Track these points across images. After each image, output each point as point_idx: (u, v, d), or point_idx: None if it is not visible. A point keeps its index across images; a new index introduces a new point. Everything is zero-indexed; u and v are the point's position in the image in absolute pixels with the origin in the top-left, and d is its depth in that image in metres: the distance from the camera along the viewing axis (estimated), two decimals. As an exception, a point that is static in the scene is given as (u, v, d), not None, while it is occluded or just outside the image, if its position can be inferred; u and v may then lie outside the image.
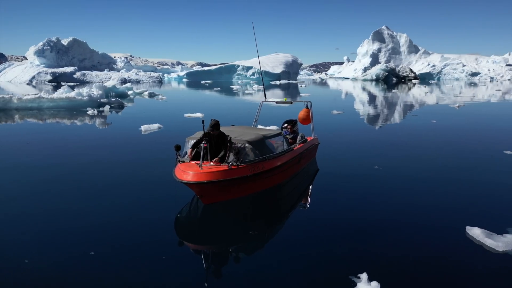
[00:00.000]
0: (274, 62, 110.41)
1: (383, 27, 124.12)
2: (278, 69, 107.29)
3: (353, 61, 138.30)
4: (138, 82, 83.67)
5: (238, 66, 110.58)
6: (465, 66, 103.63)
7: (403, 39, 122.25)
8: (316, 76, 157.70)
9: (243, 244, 6.30)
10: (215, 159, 7.25)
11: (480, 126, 18.90)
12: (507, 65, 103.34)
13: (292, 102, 12.26)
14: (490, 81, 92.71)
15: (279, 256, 5.58)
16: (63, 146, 13.74)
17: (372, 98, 40.29)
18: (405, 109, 28.09)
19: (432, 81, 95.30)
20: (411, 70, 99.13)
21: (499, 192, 8.36)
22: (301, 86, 74.07)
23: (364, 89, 61.47)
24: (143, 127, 16.77)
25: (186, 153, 8.02)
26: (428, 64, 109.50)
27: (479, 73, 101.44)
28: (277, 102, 12.12)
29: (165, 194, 8.21)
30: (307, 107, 11.54)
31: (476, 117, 23.36)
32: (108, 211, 7.29)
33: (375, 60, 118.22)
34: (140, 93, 42.26)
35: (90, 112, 23.46)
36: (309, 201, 8.12)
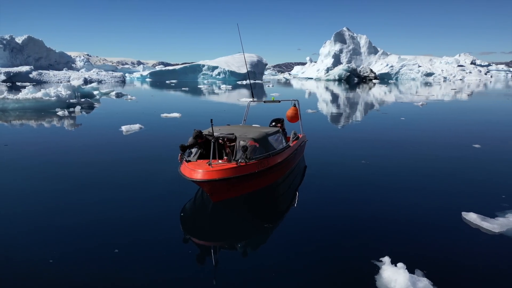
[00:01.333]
0: (239, 62, 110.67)
1: (344, 28, 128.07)
2: (244, 69, 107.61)
3: (316, 62, 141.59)
4: (99, 82, 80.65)
5: (204, 65, 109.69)
6: (420, 66, 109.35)
7: (363, 40, 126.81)
8: (281, 76, 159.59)
9: (250, 239, 6.48)
10: (224, 158, 7.47)
11: (445, 122, 20.22)
12: (458, 65, 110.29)
13: (279, 101, 12.56)
14: (444, 81, 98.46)
15: (294, 248, 5.84)
16: (47, 148, 13.21)
17: (340, 98, 41.62)
18: (374, 108, 29.36)
19: (391, 81, 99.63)
20: (371, 71, 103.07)
21: (483, 181, 9.13)
22: (268, 86, 74.83)
23: (327, 88, 63.16)
24: (124, 128, 16.45)
25: (191, 152, 8.12)
26: (387, 65, 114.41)
27: (433, 73, 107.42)
28: (265, 102, 12.38)
29: (164, 193, 8.33)
30: (294, 106, 11.89)
31: (439, 114, 24.93)
32: (107, 210, 7.30)
33: (337, 61, 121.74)
34: (107, 93, 40.95)
35: (60, 113, 22.54)
36: (307, 195, 8.38)
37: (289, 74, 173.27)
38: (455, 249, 5.64)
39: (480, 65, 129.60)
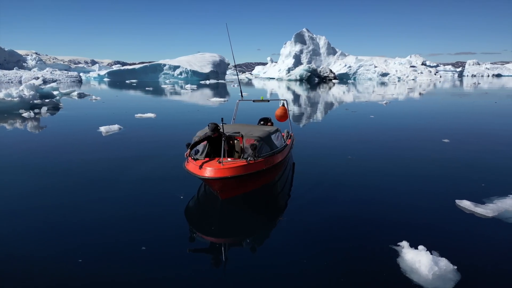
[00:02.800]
0: (201, 62, 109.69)
1: (304, 29, 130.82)
2: (207, 69, 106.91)
3: (276, 62, 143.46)
4: (54, 81, 76.54)
5: (165, 65, 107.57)
6: (376, 67, 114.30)
7: (322, 41, 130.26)
8: (243, 76, 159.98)
9: (258, 234, 6.66)
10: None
11: (412, 120, 21.55)
12: (411, 66, 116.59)
13: (268, 101, 12.85)
14: (398, 81, 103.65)
15: (306, 240, 6.19)
16: (24, 150, 12.60)
17: (306, 97, 42.69)
18: (342, 106, 30.52)
19: (350, 81, 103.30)
20: (331, 71, 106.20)
21: (462, 173, 9.98)
22: (233, 86, 74.92)
23: (289, 88, 64.37)
24: (103, 128, 16.02)
25: (198, 151, 8.21)
26: (345, 65, 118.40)
27: (388, 74, 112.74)
28: (253, 101, 12.62)
29: (166, 191, 8.44)
30: (283, 105, 12.24)
31: (404, 112, 26.44)
32: (109, 210, 7.32)
33: (297, 61, 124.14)
34: (67, 94, 39.17)
35: (25, 114, 21.36)
36: (304, 189, 8.68)
37: (251, 74, 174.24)
38: (456, 233, 6.24)
39: (430, 66, 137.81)
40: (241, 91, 12.94)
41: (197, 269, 5.23)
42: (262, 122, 11.86)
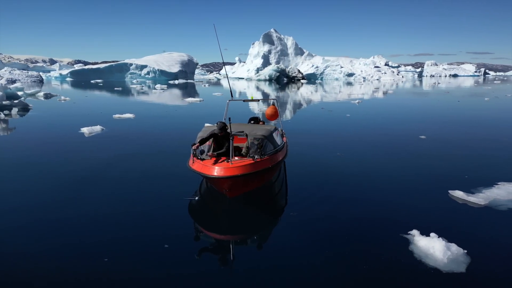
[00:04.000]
0: (169, 61, 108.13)
1: (272, 30, 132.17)
2: (175, 68, 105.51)
3: (245, 62, 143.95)
4: (13, 81, 72.63)
5: (131, 64, 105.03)
6: (342, 67, 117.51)
7: (289, 41, 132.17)
8: (212, 75, 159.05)
9: (264, 231, 6.81)
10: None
11: (386, 117, 22.51)
12: (375, 67, 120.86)
13: (258, 100, 13.07)
14: (363, 81, 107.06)
15: (313, 235, 6.50)
16: (12, 151, 12.06)
17: (279, 97, 43.25)
18: (317, 106, 31.28)
19: (318, 81, 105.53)
20: (299, 71, 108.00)
21: (449, 166, 10.66)
22: (204, 85, 74.43)
23: (258, 88, 64.96)
24: (86, 130, 15.60)
25: (203, 151, 8.27)
26: (312, 66, 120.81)
27: (354, 74, 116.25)
28: (244, 101, 12.79)
29: (166, 190, 8.51)
30: (273, 104, 12.49)
31: (376, 110, 27.54)
32: (108, 209, 7.32)
33: (266, 61, 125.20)
34: (33, 94, 37.52)
35: (-5, 116, 20.33)
36: (302, 186, 8.96)
37: (219, 74, 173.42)
38: (457, 220, 6.74)
39: (392, 66, 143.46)
40: (231, 91, 13.02)
41: (204, 267, 5.29)
42: (252, 122, 12.03)
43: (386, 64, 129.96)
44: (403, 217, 6.96)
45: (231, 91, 13.05)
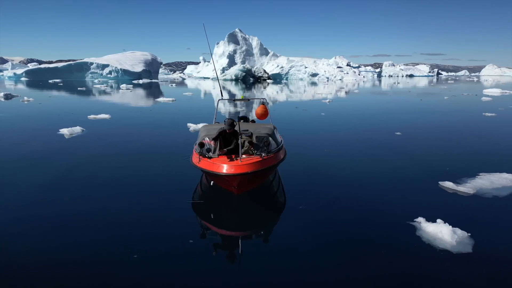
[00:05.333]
0: (132, 60, 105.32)
1: (237, 29, 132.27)
2: (138, 68, 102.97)
3: (209, 61, 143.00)
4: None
5: (92, 63, 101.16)
6: (307, 67, 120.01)
7: (255, 42, 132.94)
8: (176, 75, 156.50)
9: (269, 226, 7.02)
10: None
11: (360, 115, 23.48)
12: (338, 67, 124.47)
13: (248, 100, 13.28)
14: (327, 81, 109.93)
15: (317, 229, 6.91)
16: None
17: (246, 96, 43.60)
18: (290, 105, 31.95)
19: (283, 81, 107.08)
20: (265, 71, 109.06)
21: (430, 159, 11.45)
22: (171, 85, 73.29)
23: (224, 88, 65.04)
24: (65, 131, 15.13)
25: (210, 149, 8.40)
26: (278, 66, 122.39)
27: (318, 74, 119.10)
28: (234, 100, 12.99)
29: (166, 188, 8.62)
30: (263, 104, 12.79)
31: (348, 109, 28.62)
32: (109, 208, 7.40)
33: (231, 61, 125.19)
34: (-11, 95, 35.34)
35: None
36: (298, 181, 9.29)
37: (183, 73, 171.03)
38: (453, 207, 7.36)
39: (353, 67, 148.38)
40: (221, 90, 13.20)
41: (213, 263, 5.41)
42: (242, 121, 12.23)
43: (348, 65, 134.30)
44: (404, 207, 7.50)
45: (221, 90, 13.21)
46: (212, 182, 7.59)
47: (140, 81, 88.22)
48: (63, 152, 12.20)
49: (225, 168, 7.39)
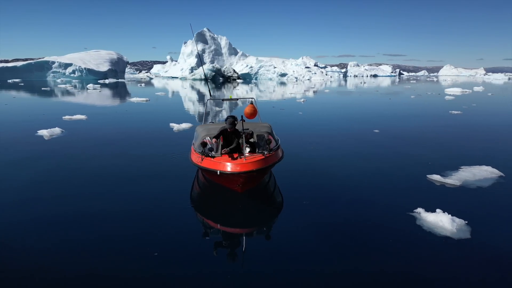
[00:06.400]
0: (97, 60, 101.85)
1: (205, 29, 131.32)
2: (104, 67, 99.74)
3: (177, 61, 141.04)
4: None
5: (53, 62, 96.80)
6: (275, 67, 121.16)
7: (223, 41, 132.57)
8: (143, 75, 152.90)
9: (271, 223, 7.09)
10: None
11: (337, 114, 24.20)
12: (306, 67, 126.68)
13: (237, 99, 13.41)
14: (296, 81, 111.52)
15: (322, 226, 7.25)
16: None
17: (217, 96, 43.56)
18: (266, 104, 32.26)
19: (253, 81, 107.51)
20: (234, 71, 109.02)
21: (413, 155, 12.08)
22: (140, 85, 71.64)
23: (194, 87, 64.68)
24: (44, 132, 14.59)
25: (212, 149, 8.47)
26: (247, 66, 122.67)
27: (286, 74, 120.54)
28: (223, 100, 13.09)
29: (162, 189, 8.62)
30: (251, 103, 12.97)
31: (323, 108, 29.35)
32: (111, 207, 7.41)
33: (200, 60, 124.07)
34: None
35: None
36: (295, 181, 9.47)
37: (150, 73, 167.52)
38: (446, 198, 7.89)
39: (320, 67, 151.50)
40: (209, 90, 13.26)
41: (216, 260, 5.49)
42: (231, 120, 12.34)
43: (315, 65, 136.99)
44: (400, 199, 7.95)
45: (209, 90, 13.28)
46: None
47: (106, 81, 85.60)
48: (47, 153, 11.80)
49: (230, 166, 7.50)
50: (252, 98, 13.31)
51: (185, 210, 7.40)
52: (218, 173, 7.52)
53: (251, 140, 9.10)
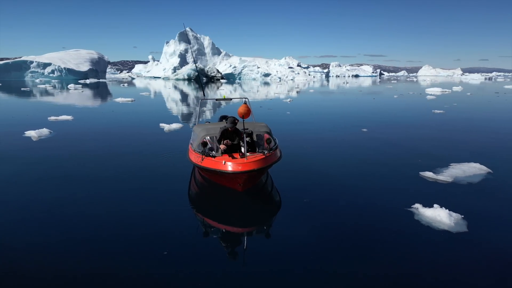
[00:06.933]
0: (77, 59, 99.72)
1: (188, 28, 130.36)
2: (84, 67, 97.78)
3: (159, 61, 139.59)
4: None
5: (32, 62, 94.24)
6: (259, 68, 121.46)
7: (206, 41, 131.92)
8: (124, 75, 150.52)
9: (271, 222, 7.13)
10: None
11: (323, 113, 24.51)
12: (289, 67, 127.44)
13: (231, 99, 13.46)
14: (279, 81, 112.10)
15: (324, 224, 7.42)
16: None
17: (199, 96, 43.43)
18: (254, 105, 32.35)
19: (237, 81, 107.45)
20: (218, 71, 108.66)
21: (402, 153, 12.41)
22: (123, 85, 70.54)
23: (176, 87, 64.13)
24: (32, 133, 14.28)
25: (212, 148, 8.51)
26: (230, 66, 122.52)
27: (270, 74, 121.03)
28: (216, 100, 13.13)
29: (159, 189, 8.62)
30: (245, 103, 13.04)
31: (310, 107, 29.68)
32: (112, 207, 7.39)
33: (183, 60, 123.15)
34: None
35: None
36: (291, 178, 9.65)
37: (131, 72, 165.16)
38: (440, 194, 8.18)
39: (303, 67, 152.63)
40: (203, 90, 13.30)
41: (217, 259, 5.52)
42: (224, 120, 12.42)
43: (298, 65, 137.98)
44: (397, 196, 8.18)
45: (203, 90, 13.32)
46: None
47: (87, 81, 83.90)
48: (38, 155, 11.57)
49: (232, 166, 7.57)
50: (246, 98, 13.36)
51: (185, 210, 7.39)
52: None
53: (247, 139, 9.21)
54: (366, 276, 5.11)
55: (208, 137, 8.75)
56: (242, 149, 8.21)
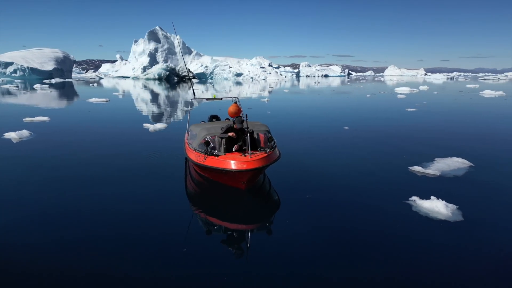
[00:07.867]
0: (41, 58, 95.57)
1: (157, 27, 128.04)
2: (49, 66, 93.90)
3: (127, 60, 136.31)
4: None
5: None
6: (231, 67, 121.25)
7: (176, 40, 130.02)
8: (91, 74, 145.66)
9: (273, 220, 7.21)
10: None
11: (303, 112, 24.99)
12: (261, 67, 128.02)
13: (221, 99, 13.52)
14: (252, 81, 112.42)
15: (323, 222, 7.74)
16: None
17: (172, 96, 43.00)
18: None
19: (209, 81, 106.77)
20: (189, 70, 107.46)
21: (389, 149, 12.95)
22: (92, 85, 68.32)
23: (146, 87, 63.07)
24: (12, 135, 13.74)
25: (214, 147, 8.58)
26: (202, 65, 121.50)
27: (242, 74, 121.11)
28: (207, 99, 13.16)
29: (156, 188, 8.59)
30: (235, 102, 13.17)
31: (288, 107, 30.11)
32: (111, 207, 7.39)
33: (153, 60, 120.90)
34: None
35: None
36: (289, 177, 9.83)
37: (98, 72, 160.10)
38: (431, 187, 8.66)
39: (274, 67, 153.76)
40: (193, 90, 13.29)
41: (221, 257, 5.56)
42: (214, 120, 12.53)
43: (270, 65, 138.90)
44: (392, 190, 8.59)
45: (193, 90, 13.30)
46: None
47: (53, 81, 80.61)
48: (22, 156, 11.15)
49: (236, 164, 7.68)
50: (235, 97, 13.49)
51: (183, 209, 7.41)
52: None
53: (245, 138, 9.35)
54: (370, 270, 5.34)
55: (209, 137, 8.82)
56: (245, 148, 8.36)
